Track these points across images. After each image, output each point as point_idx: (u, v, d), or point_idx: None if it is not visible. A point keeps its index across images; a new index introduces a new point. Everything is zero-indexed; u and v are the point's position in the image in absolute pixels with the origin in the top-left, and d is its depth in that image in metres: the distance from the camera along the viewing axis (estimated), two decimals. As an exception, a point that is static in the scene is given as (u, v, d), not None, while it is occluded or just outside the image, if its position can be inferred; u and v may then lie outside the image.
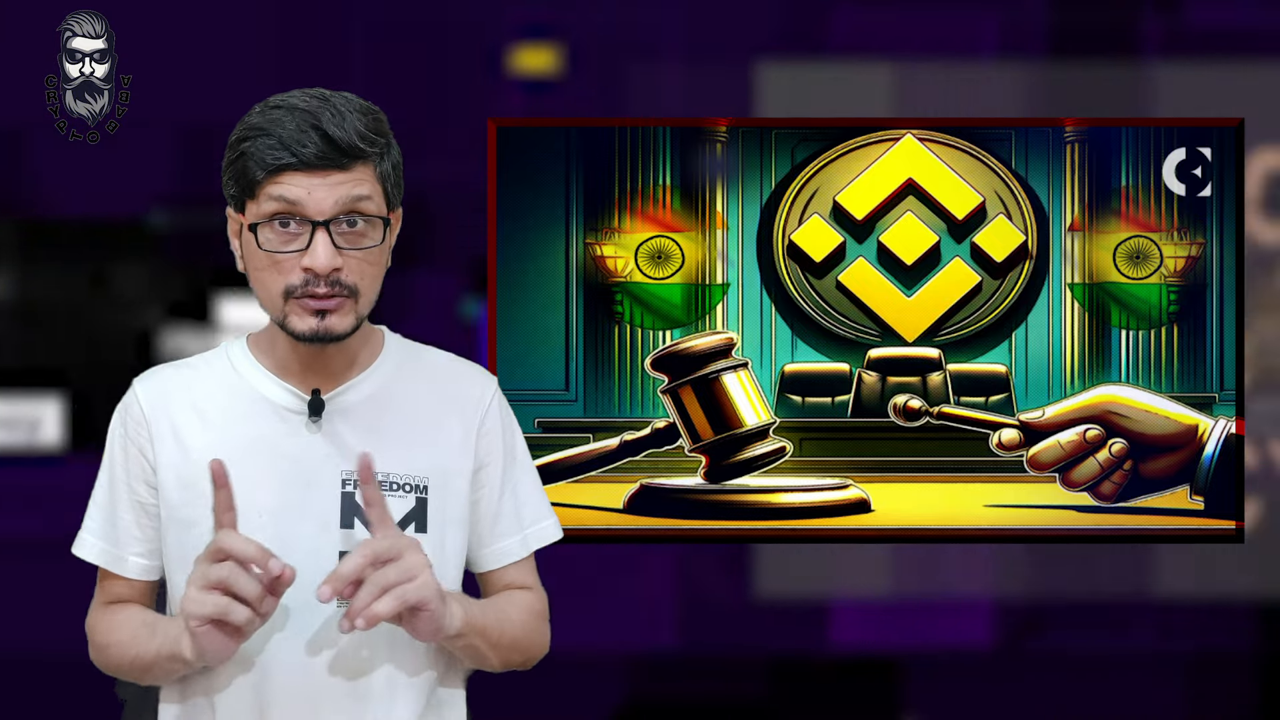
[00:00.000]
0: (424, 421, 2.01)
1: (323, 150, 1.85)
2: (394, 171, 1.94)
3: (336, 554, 1.92)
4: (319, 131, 1.85)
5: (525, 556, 2.10)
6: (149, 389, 2.01)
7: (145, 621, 1.97)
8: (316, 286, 1.88)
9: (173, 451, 1.97)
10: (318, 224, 1.87)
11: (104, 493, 2.02)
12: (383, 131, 1.92)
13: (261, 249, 1.89)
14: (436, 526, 1.99)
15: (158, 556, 2.01)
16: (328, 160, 1.86)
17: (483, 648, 1.97)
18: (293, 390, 1.97)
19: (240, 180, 1.89)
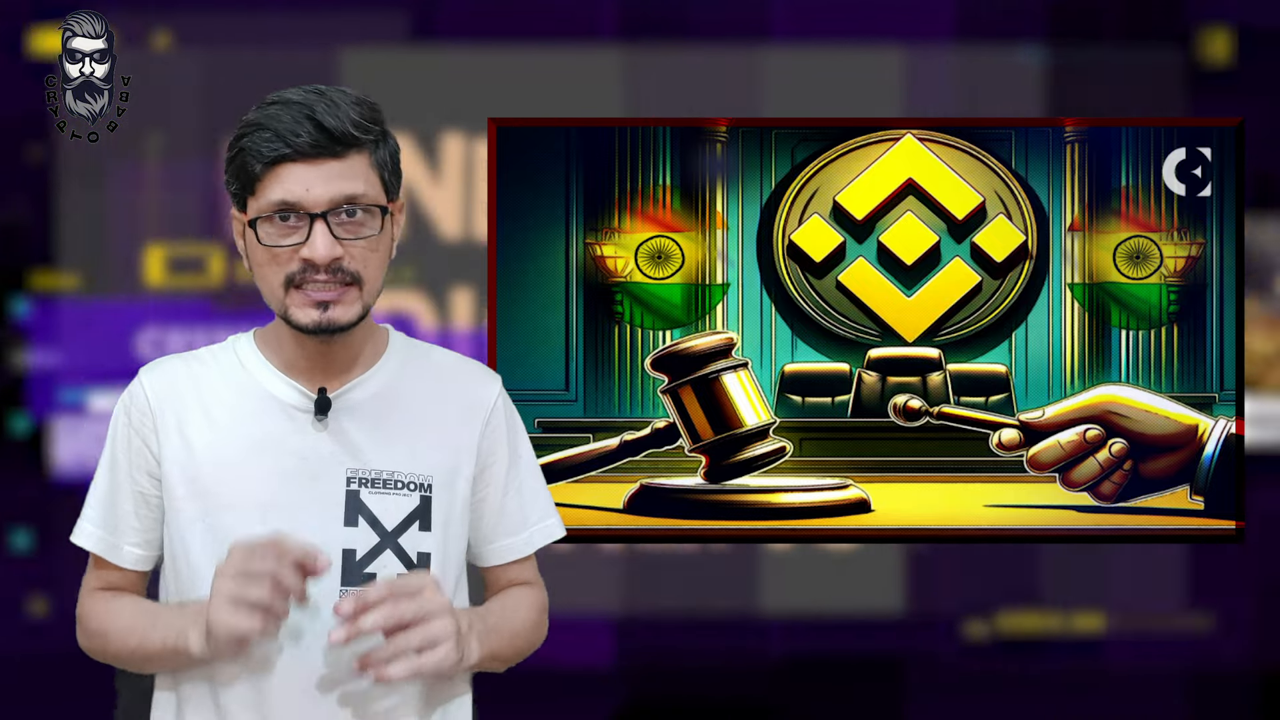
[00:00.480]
0: (430, 420, 2.02)
1: (317, 139, 1.87)
2: (391, 160, 1.96)
3: (340, 552, 1.93)
4: (313, 121, 1.87)
5: (528, 555, 2.12)
6: (155, 380, 2.01)
7: (144, 610, 1.98)
8: (316, 275, 1.89)
9: (177, 446, 1.97)
10: (315, 216, 1.88)
11: (105, 481, 2.02)
12: (378, 121, 1.93)
13: (262, 244, 1.90)
14: (440, 525, 2.00)
15: (154, 547, 2.01)
16: (322, 149, 1.87)
17: (493, 665, 2.02)
18: (299, 388, 1.98)
19: (241, 176, 1.91)
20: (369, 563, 1.95)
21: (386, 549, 1.96)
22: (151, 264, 3.29)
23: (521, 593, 2.10)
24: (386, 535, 1.96)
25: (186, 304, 3.27)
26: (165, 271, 3.29)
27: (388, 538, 1.96)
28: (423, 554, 1.98)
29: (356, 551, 1.95)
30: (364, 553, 1.95)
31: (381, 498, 1.97)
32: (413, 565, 1.97)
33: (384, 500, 1.97)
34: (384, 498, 1.97)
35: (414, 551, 1.98)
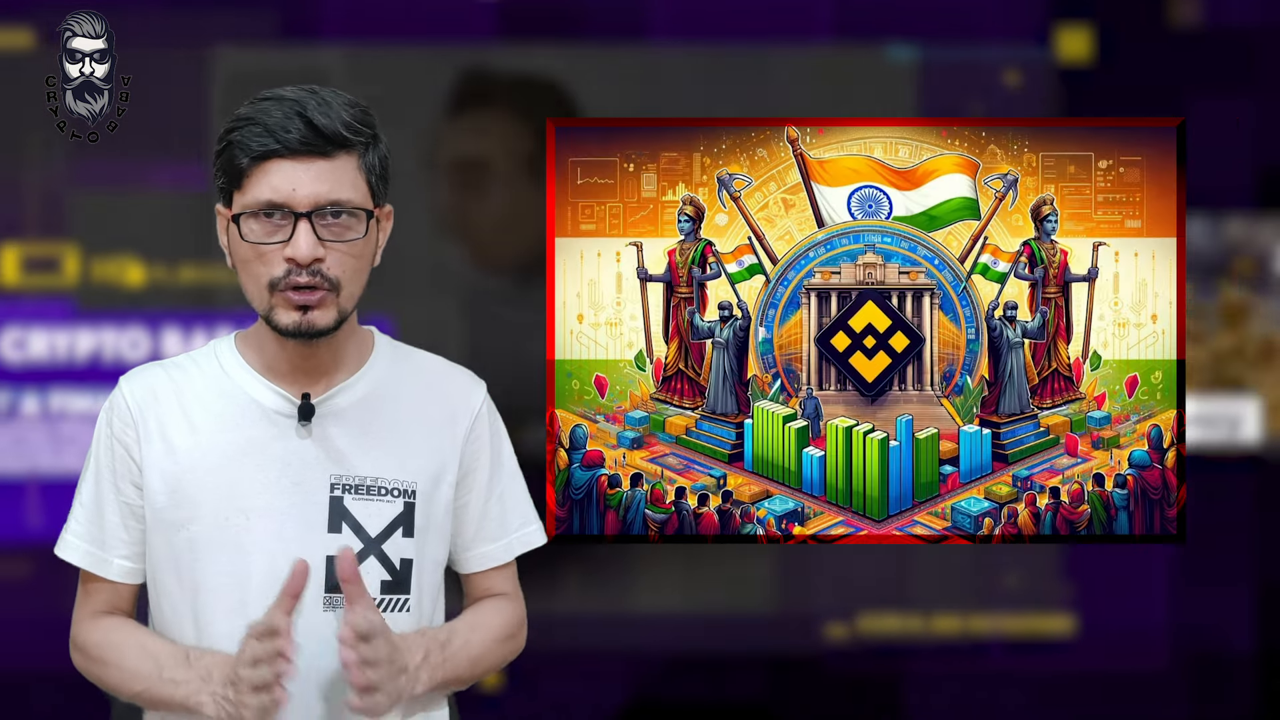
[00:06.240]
0: (415, 426, 2.01)
1: (306, 136, 1.87)
2: (380, 165, 1.95)
3: (324, 558, 1.93)
4: (304, 119, 1.87)
5: (507, 562, 2.11)
6: (136, 388, 2.00)
7: (145, 650, 1.96)
8: (298, 276, 1.88)
9: (160, 453, 1.96)
10: (300, 215, 1.87)
11: (89, 493, 2.01)
12: (369, 124, 1.93)
13: (245, 240, 1.90)
14: (420, 531, 2.00)
15: (143, 559, 2.00)
16: (311, 147, 1.87)
17: (449, 688, 2.03)
18: (282, 393, 1.97)
19: (228, 169, 1.91)
20: (352, 569, 1.94)
21: (370, 555, 1.96)
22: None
23: (494, 607, 2.10)
24: (370, 542, 1.96)
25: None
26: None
27: (371, 544, 1.96)
28: (405, 560, 1.98)
29: (340, 558, 1.94)
30: (347, 559, 1.94)
31: (365, 504, 1.96)
32: (396, 571, 1.97)
33: (368, 506, 1.96)
34: (368, 504, 1.96)
35: (397, 558, 1.97)
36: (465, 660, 2.01)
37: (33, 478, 3.14)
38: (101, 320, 3.16)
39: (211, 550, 1.93)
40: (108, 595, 2.01)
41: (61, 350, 3.16)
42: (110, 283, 3.18)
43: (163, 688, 1.92)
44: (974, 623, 3.17)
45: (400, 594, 1.98)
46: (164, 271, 3.18)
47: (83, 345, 3.16)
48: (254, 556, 1.92)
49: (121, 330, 3.17)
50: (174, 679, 1.91)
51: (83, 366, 3.16)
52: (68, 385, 3.16)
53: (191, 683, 1.90)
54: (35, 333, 3.17)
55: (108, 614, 2.01)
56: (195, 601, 1.94)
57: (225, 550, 1.93)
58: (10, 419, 3.14)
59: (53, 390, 3.16)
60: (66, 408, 3.15)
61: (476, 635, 2.04)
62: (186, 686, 1.90)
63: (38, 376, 3.16)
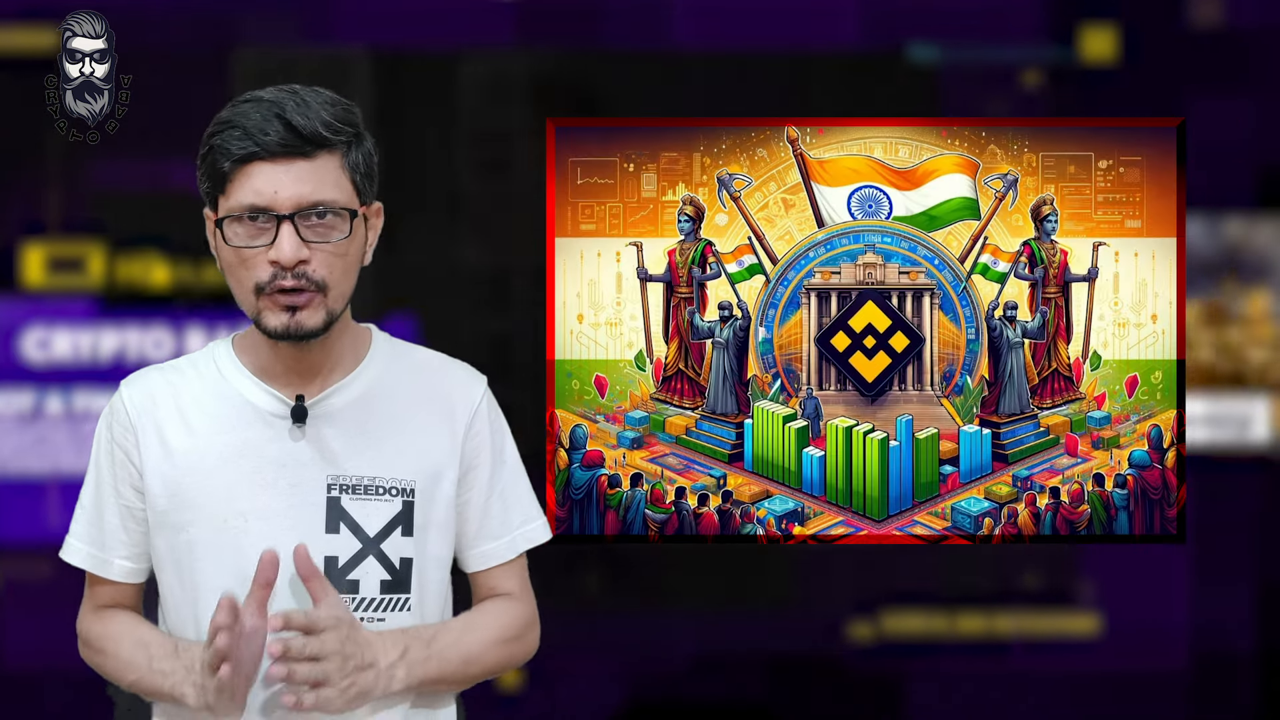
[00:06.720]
0: (412, 424, 2.01)
1: (285, 138, 1.86)
2: (365, 163, 1.94)
3: (321, 560, 1.93)
4: (282, 120, 1.86)
5: (513, 559, 2.09)
6: (135, 392, 2.01)
7: (140, 641, 1.98)
8: (284, 279, 1.88)
9: (159, 457, 1.97)
10: (283, 217, 1.87)
11: (90, 496, 2.03)
12: (351, 122, 1.92)
13: (229, 244, 1.89)
14: (420, 529, 1.99)
15: (144, 559, 2.02)
16: (290, 148, 1.86)
17: (437, 688, 2.01)
18: (277, 395, 1.97)
19: (211, 174, 1.90)
20: (351, 569, 1.95)
21: (369, 555, 1.95)
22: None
23: (496, 607, 2.08)
24: (369, 541, 1.96)
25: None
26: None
27: (370, 544, 1.95)
28: (405, 559, 1.97)
29: (339, 559, 1.94)
30: (346, 559, 1.94)
31: (363, 504, 1.96)
32: (395, 571, 1.97)
33: (365, 506, 1.96)
34: (365, 504, 1.96)
35: (396, 557, 1.97)
36: (456, 659, 1.99)
37: (56, 478, 3.16)
38: (126, 320, 3.19)
39: (211, 553, 1.94)
40: (111, 593, 2.04)
41: (85, 350, 3.18)
42: (134, 282, 3.21)
43: (153, 678, 1.94)
44: (973, 622, 3.16)
45: (401, 593, 1.97)
46: (188, 271, 3.20)
47: (106, 345, 3.18)
48: (253, 558, 1.90)
49: (145, 330, 3.19)
50: (162, 670, 1.93)
51: (106, 366, 3.18)
52: (91, 385, 3.17)
53: (177, 673, 1.91)
54: (59, 332, 3.19)
55: (110, 608, 2.04)
56: (196, 603, 1.95)
57: (224, 552, 1.93)
58: (34, 419, 3.17)
59: (76, 390, 3.18)
60: (90, 408, 3.16)
61: (472, 634, 2.03)
62: (173, 677, 1.92)
63: (62, 376, 3.18)
